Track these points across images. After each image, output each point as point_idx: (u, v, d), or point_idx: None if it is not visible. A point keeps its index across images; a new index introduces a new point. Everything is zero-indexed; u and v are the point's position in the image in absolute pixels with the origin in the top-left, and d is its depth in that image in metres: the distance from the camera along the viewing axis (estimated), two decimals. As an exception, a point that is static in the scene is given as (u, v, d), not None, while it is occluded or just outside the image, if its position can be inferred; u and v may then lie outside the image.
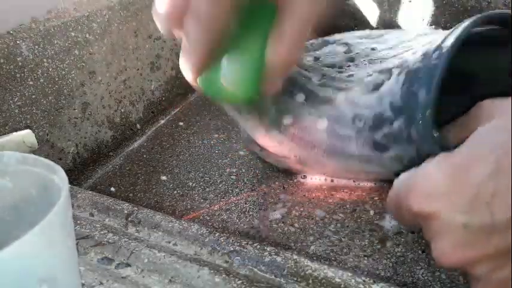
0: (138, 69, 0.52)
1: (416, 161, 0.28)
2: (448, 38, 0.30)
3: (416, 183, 0.25)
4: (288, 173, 0.42)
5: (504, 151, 0.21)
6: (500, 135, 0.22)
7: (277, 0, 0.27)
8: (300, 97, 0.36)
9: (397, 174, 0.28)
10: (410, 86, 0.31)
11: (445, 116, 0.31)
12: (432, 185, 0.23)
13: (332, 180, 0.41)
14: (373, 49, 0.39)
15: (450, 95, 0.32)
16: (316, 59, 0.40)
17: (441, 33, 0.33)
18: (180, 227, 0.30)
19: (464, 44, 0.29)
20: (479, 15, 0.31)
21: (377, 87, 0.35)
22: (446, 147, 0.26)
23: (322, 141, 0.36)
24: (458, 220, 0.22)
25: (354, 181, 0.40)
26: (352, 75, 0.37)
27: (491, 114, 0.26)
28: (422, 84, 0.30)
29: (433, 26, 0.56)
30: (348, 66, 0.38)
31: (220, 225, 0.37)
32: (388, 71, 0.35)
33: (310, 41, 0.43)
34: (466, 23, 0.30)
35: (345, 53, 0.40)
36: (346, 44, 0.41)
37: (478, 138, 0.24)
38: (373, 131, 0.34)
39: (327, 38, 0.43)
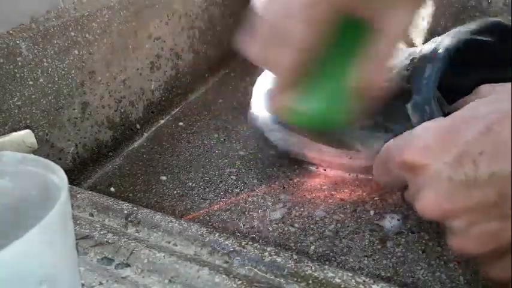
0: (138, 69, 0.52)
1: None
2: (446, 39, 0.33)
3: (413, 138, 0.26)
4: (288, 172, 0.42)
5: (497, 118, 0.22)
6: (493, 104, 0.24)
7: (371, 19, 0.27)
8: None
9: None
10: (419, 63, 0.34)
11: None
12: (427, 140, 0.25)
13: (325, 170, 0.41)
14: None
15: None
16: None
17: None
18: (180, 227, 0.30)
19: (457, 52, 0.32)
20: (476, 24, 0.33)
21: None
22: None
23: None
24: (445, 173, 0.23)
25: (349, 174, 0.41)
26: None
27: (486, 95, 0.28)
28: (430, 61, 0.32)
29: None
30: None
31: (220, 225, 0.37)
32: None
33: None
34: (463, 29, 0.32)
35: None
36: None
37: (473, 105, 0.25)
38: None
39: None
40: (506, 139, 0.21)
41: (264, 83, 0.42)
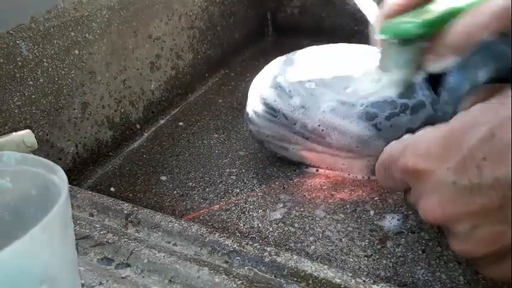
0: (138, 69, 0.52)
1: None
2: None
3: (414, 143, 0.26)
4: (288, 172, 0.42)
5: (499, 123, 0.22)
6: (495, 109, 0.24)
7: None
8: None
9: None
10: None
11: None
12: (429, 145, 0.25)
13: (317, 170, 0.41)
14: None
15: None
16: None
17: None
18: (180, 227, 0.30)
19: None
20: None
21: None
22: None
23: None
24: (449, 178, 0.23)
25: (348, 174, 0.40)
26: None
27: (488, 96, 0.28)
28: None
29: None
30: None
31: (220, 225, 0.37)
32: None
33: None
34: None
35: None
36: None
37: (475, 109, 0.25)
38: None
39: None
40: (509, 144, 0.21)
41: (260, 83, 0.42)
